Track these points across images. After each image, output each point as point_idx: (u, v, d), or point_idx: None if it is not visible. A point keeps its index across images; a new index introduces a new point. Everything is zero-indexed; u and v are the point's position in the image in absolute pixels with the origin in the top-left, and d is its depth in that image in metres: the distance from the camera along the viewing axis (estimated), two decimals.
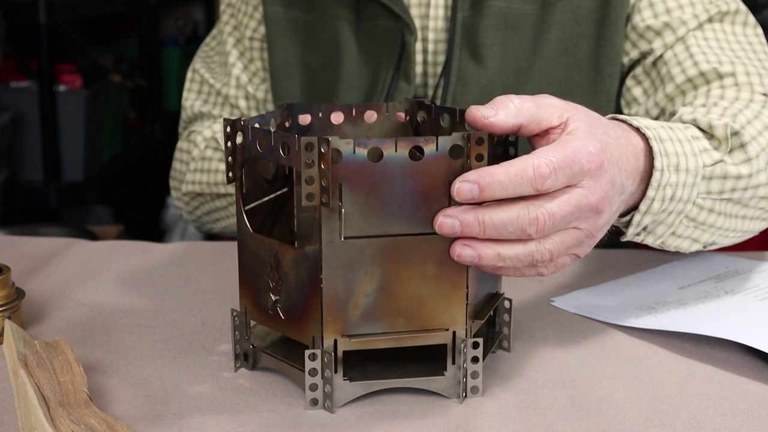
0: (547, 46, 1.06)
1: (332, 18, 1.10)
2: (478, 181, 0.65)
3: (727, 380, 0.75)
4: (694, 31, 1.03)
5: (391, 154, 0.65)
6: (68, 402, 0.65)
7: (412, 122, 0.83)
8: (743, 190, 0.86)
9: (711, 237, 0.88)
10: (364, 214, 0.66)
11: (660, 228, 0.82)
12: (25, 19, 2.22)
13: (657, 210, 0.80)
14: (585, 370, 0.76)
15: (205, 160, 1.15)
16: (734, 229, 0.89)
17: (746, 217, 0.89)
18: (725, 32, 1.05)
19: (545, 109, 0.70)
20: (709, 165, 0.83)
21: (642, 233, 0.82)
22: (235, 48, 1.19)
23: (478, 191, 0.65)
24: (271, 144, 0.68)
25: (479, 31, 1.05)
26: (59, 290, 0.94)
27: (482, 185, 0.65)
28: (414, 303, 0.68)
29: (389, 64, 1.07)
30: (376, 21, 1.08)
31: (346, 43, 1.09)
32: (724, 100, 0.95)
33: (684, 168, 0.81)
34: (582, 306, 0.89)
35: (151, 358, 0.78)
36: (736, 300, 0.88)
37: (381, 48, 1.08)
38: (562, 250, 0.70)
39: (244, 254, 0.73)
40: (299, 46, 1.13)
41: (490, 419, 0.68)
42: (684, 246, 0.87)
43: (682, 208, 0.82)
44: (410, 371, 0.72)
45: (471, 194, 0.65)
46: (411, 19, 1.06)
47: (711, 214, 0.85)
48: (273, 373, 0.75)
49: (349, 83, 1.10)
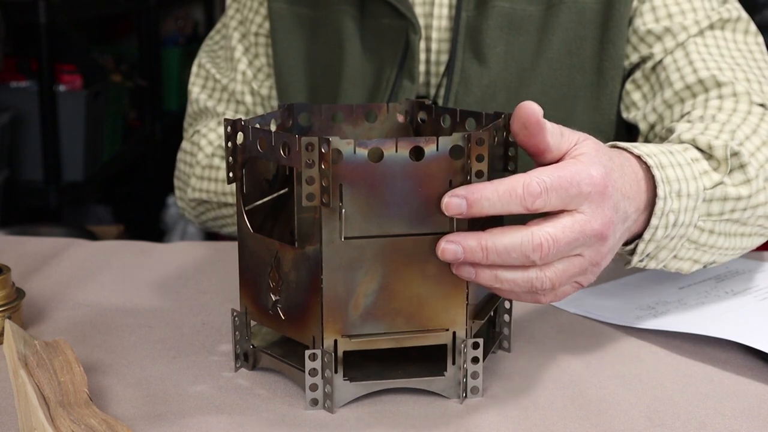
0: (551, 48, 1.06)
1: (337, 15, 1.10)
2: (466, 196, 0.65)
3: (727, 380, 0.75)
4: (695, 37, 1.03)
5: (392, 155, 0.65)
6: (68, 402, 0.65)
7: (413, 123, 0.83)
8: (743, 210, 0.86)
9: (711, 257, 0.87)
10: (365, 215, 0.66)
11: (662, 253, 0.82)
12: (25, 19, 2.22)
13: (660, 237, 0.79)
14: (585, 370, 0.76)
15: (212, 169, 1.15)
16: (733, 247, 0.88)
17: (745, 234, 0.89)
18: (726, 39, 1.04)
19: (566, 137, 0.70)
20: (710, 188, 0.83)
21: (645, 259, 0.82)
22: (241, 43, 1.19)
23: (466, 207, 0.65)
24: (272, 144, 0.68)
25: (483, 32, 1.05)
26: (59, 290, 0.94)
27: (470, 201, 0.65)
28: (414, 303, 0.68)
29: (393, 63, 1.07)
30: (380, 19, 1.08)
31: (350, 40, 1.09)
32: (722, 112, 0.94)
33: (686, 193, 0.80)
34: (582, 306, 0.89)
35: (151, 358, 0.78)
36: (736, 300, 0.88)
37: (385, 46, 1.08)
38: (565, 279, 0.69)
39: (245, 254, 0.73)
40: (303, 42, 1.13)
41: (490, 419, 0.68)
42: (685, 267, 0.86)
43: (684, 232, 0.82)
44: (410, 371, 0.72)
45: (459, 209, 0.65)
46: (415, 18, 1.06)
47: (712, 235, 0.85)
48: (273, 373, 0.75)
49: (353, 81, 1.10)
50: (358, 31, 1.09)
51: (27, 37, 2.35)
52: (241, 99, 1.18)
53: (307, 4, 1.13)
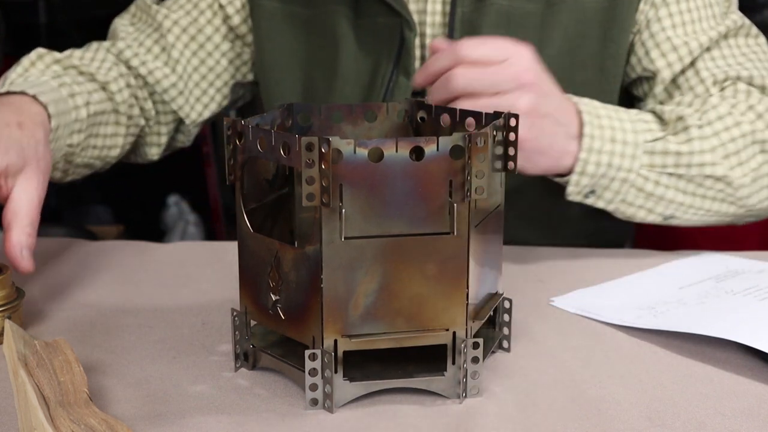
0: (551, 46, 1.06)
1: (331, 14, 1.10)
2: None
3: (727, 380, 0.75)
4: (704, 53, 1.07)
5: (392, 155, 0.65)
6: (68, 402, 0.65)
7: (412, 122, 0.83)
8: (687, 166, 0.97)
9: (667, 209, 1.00)
10: (365, 214, 0.66)
11: (607, 193, 0.97)
12: (25, 19, 2.22)
13: (593, 173, 0.95)
14: (585, 370, 0.76)
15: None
16: (692, 205, 1.00)
17: (705, 196, 1.00)
18: (739, 46, 1.09)
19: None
20: (650, 140, 0.97)
21: (590, 196, 0.97)
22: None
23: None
24: (272, 144, 0.68)
25: (480, 29, 1.05)
26: (59, 290, 0.94)
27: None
28: (414, 303, 0.68)
29: (389, 60, 1.07)
30: (375, 18, 1.08)
31: (344, 39, 1.09)
32: (721, 98, 1.03)
33: (621, 140, 0.95)
34: (582, 306, 0.89)
35: (151, 358, 0.78)
36: (736, 300, 0.88)
37: (380, 44, 1.08)
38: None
39: (245, 254, 0.73)
40: (296, 40, 1.13)
41: (490, 419, 0.68)
42: (640, 215, 1.00)
43: (625, 177, 0.96)
44: (410, 371, 0.72)
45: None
46: (410, 15, 1.06)
47: (658, 186, 0.98)
48: (273, 373, 0.75)
49: (348, 79, 1.10)
50: (353, 30, 1.09)
51: (27, 37, 2.35)
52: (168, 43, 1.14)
53: (300, 3, 1.12)
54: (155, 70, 1.13)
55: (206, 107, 1.18)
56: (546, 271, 0.99)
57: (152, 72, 1.13)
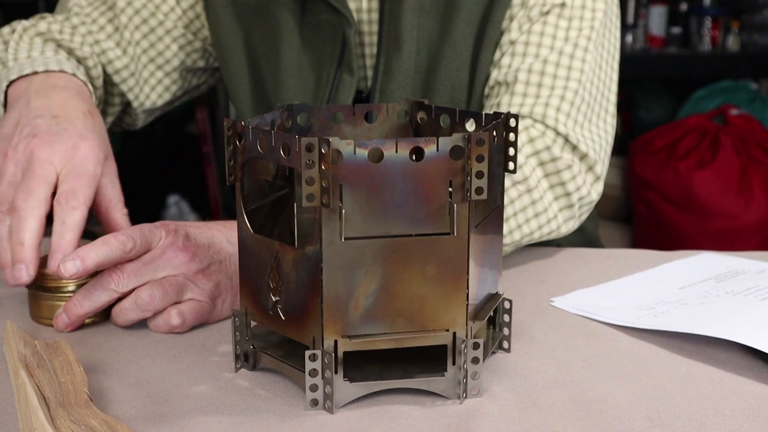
0: (455, 30, 1.06)
1: (276, 6, 1.11)
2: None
3: (727, 380, 0.75)
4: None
5: (392, 155, 0.65)
6: (68, 402, 0.65)
7: (412, 123, 0.83)
8: None
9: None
10: (365, 215, 0.66)
11: None
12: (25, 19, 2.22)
13: None
14: (585, 370, 0.77)
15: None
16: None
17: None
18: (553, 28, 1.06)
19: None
20: None
21: None
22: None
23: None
24: (272, 145, 0.68)
25: (400, 17, 1.07)
26: None
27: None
28: (414, 304, 0.68)
29: (333, 58, 1.08)
30: (318, 15, 1.09)
31: (289, 33, 1.10)
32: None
33: None
34: (582, 306, 0.89)
35: (151, 358, 0.78)
36: (736, 300, 0.88)
37: (324, 41, 1.09)
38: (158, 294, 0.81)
39: (245, 255, 0.73)
40: (243, 27, 1.14)
41: (490, 419, 0.68)
42: None
43: None
44: (410, 372, 0.72)
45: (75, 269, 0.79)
46: (350, 13, 1.07)
47: None
48: (273, 373, 0.75)
49: (291, 72, 1.10)
50: (297, 26, 1.10)
51: None
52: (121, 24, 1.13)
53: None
54: (108, 51, 1.12)
55: (160, 96, 1.17)
56: (546, 271, 0.99)
57: (105, 52, 1.12)
